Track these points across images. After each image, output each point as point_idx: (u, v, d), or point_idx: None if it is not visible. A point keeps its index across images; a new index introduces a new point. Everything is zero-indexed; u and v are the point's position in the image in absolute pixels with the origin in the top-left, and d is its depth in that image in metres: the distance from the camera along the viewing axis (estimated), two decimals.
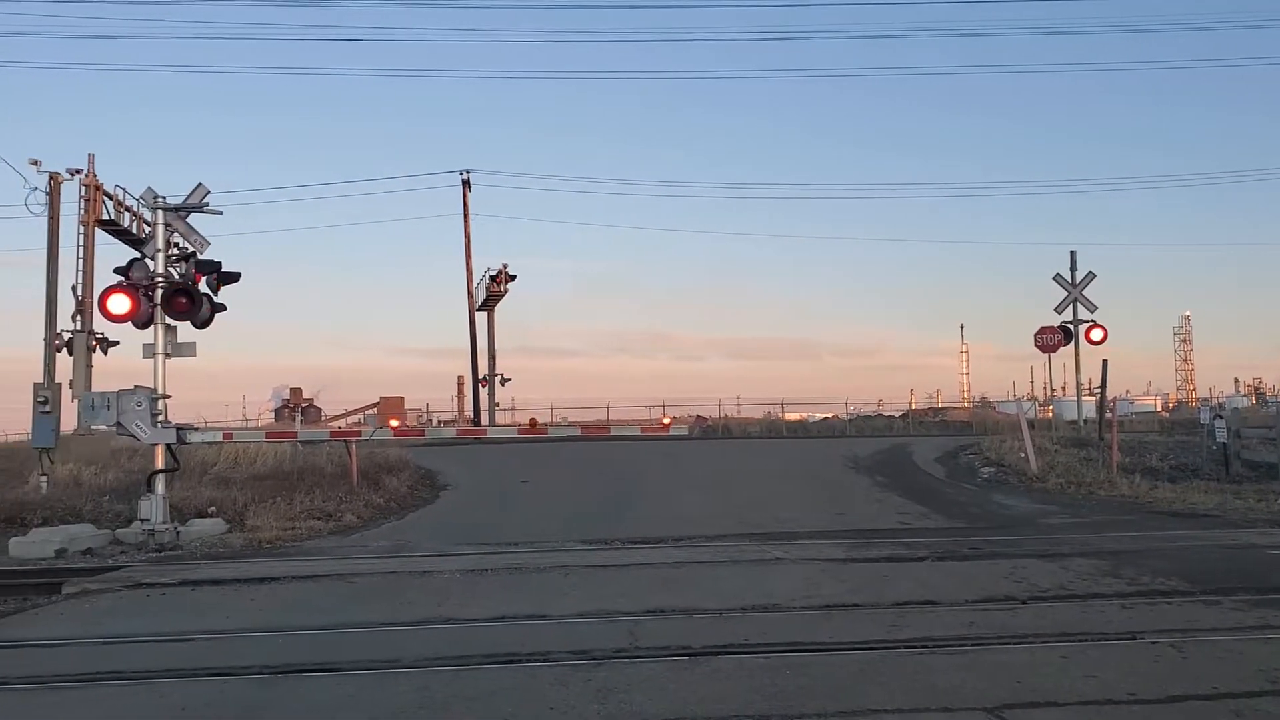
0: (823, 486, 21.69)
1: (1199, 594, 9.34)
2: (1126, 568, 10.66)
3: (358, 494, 19.37)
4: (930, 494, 20.18)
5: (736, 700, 6.17)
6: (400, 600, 9.90)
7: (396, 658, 7.47)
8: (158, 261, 15.42)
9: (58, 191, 28.70)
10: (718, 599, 9.42)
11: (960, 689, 6.30)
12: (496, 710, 6.12)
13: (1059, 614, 8.68)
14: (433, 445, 30.09)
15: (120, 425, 15.24)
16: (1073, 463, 23.02)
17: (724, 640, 7.80)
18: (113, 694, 6.80)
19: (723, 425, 52.53)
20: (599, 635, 8.09)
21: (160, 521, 14.94)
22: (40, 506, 16.91)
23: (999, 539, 13.48)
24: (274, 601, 10.13)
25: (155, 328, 15.44)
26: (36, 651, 8.28)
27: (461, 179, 43.27)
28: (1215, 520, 15.17)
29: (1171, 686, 6.32)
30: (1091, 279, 30.79)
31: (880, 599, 9.37)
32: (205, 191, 15.66)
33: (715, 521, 16.07)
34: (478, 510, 19.26)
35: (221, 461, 22.43)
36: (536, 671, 6.97)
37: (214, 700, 6.54)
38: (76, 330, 27.89)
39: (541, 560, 12.17)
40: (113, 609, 10.00)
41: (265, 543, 14.83)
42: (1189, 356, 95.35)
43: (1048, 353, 31.45)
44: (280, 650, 7.95)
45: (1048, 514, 16.68)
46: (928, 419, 55.92)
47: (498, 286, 43.10)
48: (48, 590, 11.01)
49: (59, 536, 14.34)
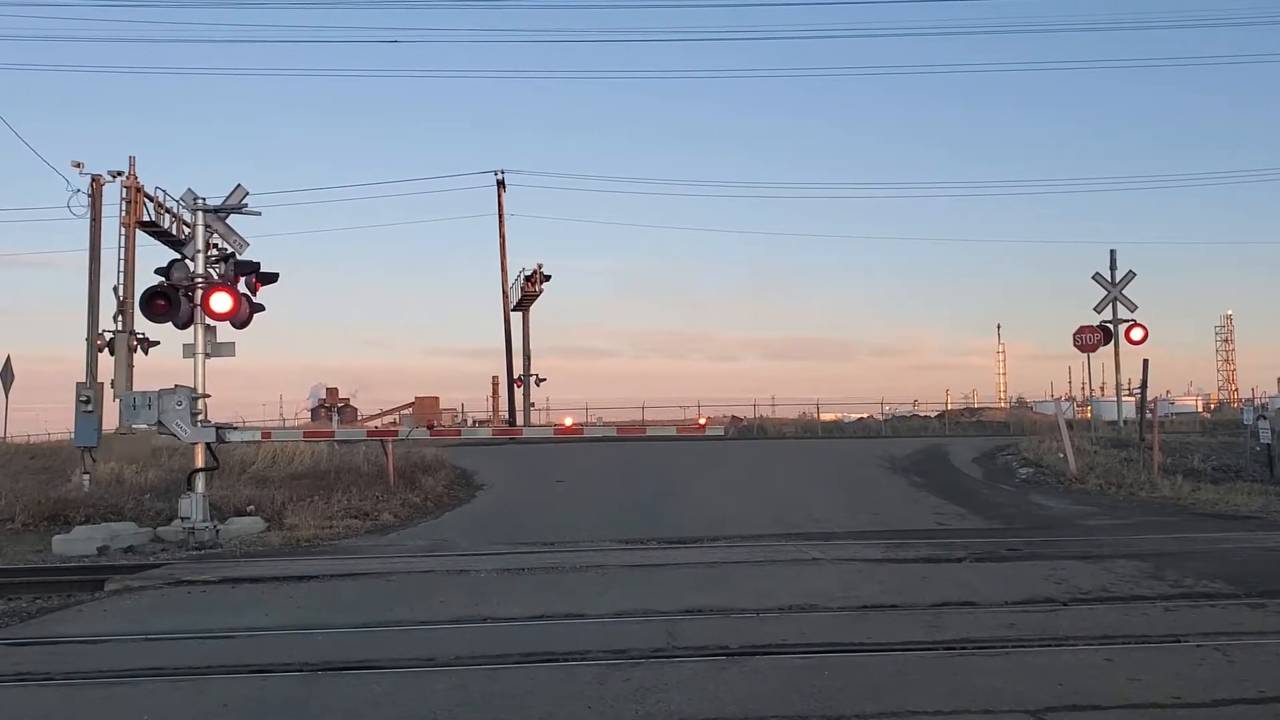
0: (858, 487, 21.57)
1: (1243, 597, 9.21)
2: (1169, 570, 10.53)
3: (394, 493, 19.46)
4: (967, 494, 20.02)
5: (774, 700, 6.14)
6: (437, 599, 9.94)
7: (434, 656, 7.50)
8: (198, 262, 15.58)
9: (99, 193, 29.14)
10: (755, 599, 9.39)
11: (1001, 691, 6.24)
12: (534, 709, 6.13)
13: (1100, 616, 8.58)
14: (468, 445, 30.17)
15: (161, 424, 15.39)
16: (1112, 464, 22.74)
17: (762, 640, 7.77)
18: (155, 690, 6.87)
19: (758, 425, 52.35)
20: (636, 635, 8.09)
21: (200, 520, 15.08)
22: (83, 505, 17.13)
23: (1038, 540, 13.36)
24: (313, 599, 10.20)
25: (195, 328, 15.61)
26: (80, 647, 8.39)
27: (496, 179, 43.41)
28: (1259, 522, 14.96)
29: (1217, 691, 6.22)
30: (1131, 278, 30.47)
31: (918, 600, 9.31)
32: (244, 193, 15.81)
33: (751, 521, 16.02)
34: (514, 510, 19.30)
35: (260, 460, 22.59)
36: (574, 671, 6.98)
37: (255, 696, 6.60)
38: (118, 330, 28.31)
39: (578, 560, 12.18)
40: (154, 606, 10.11)
41: (303, 541, 14.94)
42: (1231, 356, 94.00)
43: (1087, 352, 31.13)
44: (319, 648, 8.01)
45: (1087, 515, 16.50)
46: (964, 419, 55.45)
47: (533, 287, 43.23)
48: (90, 587, 11.14)
49: (101, 534, 14.53)
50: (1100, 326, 30.50)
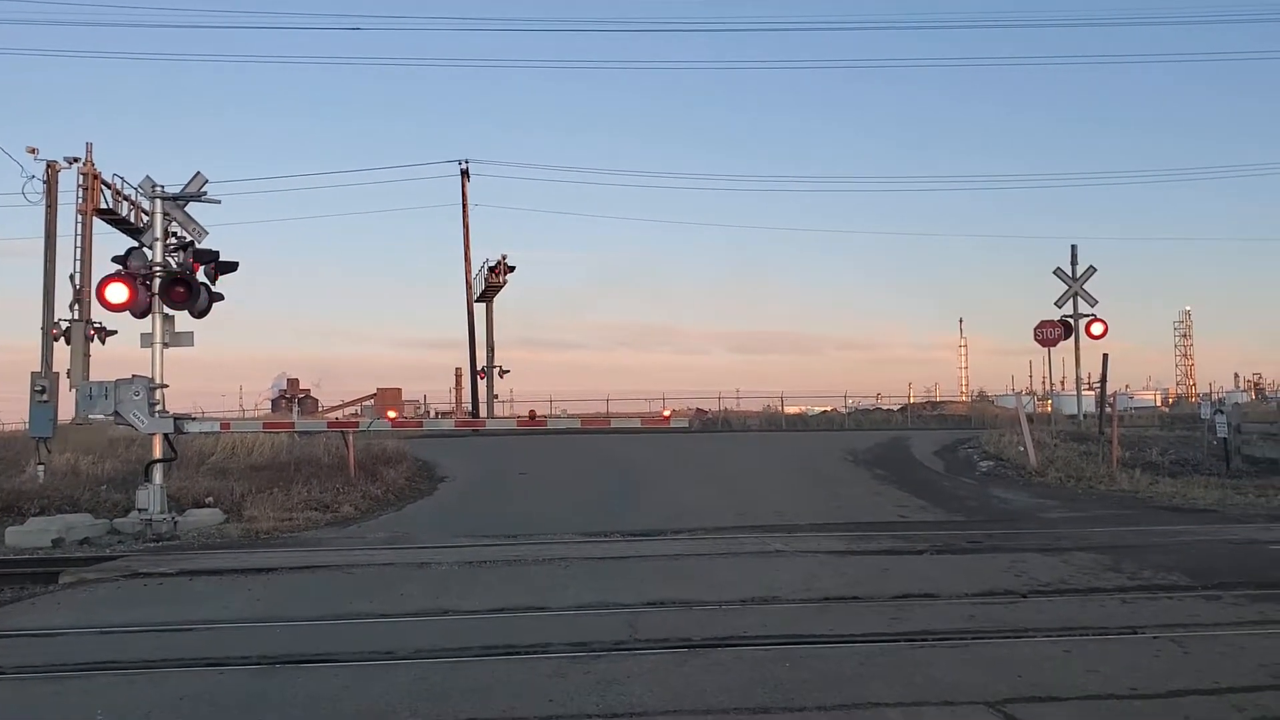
0: (822, 480, 21.67)
1: (1200, 589, 9.31)
2: (1127, 562, 10.64)
3: (355, 485, 19.32)
4: (929, 487, 20.15)
5: (736, 692, 6.13)
6: (398, 592, 9.86)
7: (394, 649, 7.43)
8: (156, 250, 15.37)
9: (55, 180, 28.70)
10: (717, 591, 9.39)
11: (961, 683, 6.27)
12: (495, 702, 6.08)
13: (1060, 608, 8.65)
14: (430, 437, 30.04)
15: (118, 414, 15.20)
16: (1072, 457, 23.00)
17: (724, 632, 7.76)
18: (110, 683, 6.75)
19: (723, 418, 52.57)
20: (598, 627, 8.06)
21: (158, 511, 14.90)
22: (37, 496, 16.87)
23: (998, 533, 13.46)
24: (271, 592, 10.09)
25: (153, 317, 15.40)
26: (33, 641, 8.25)
27: (460, 169, 43.18)
28: (1215, 515, 15.16)
29: (1173, 681, 6.28)
30: (1092, 273, 30.79)
31: (880, 592, 9.34)
32: (203, 180, 15.60)
33: (715, 514, 16.04)
34: (476, 502, 19.23)
35: (219, 452, 22.38)
36: (535, 664, 6.93)
37: (212, 690, 6.50)
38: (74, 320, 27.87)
39: (541, 552, 12.13)
40: (110, 599, 9.97)
41: (263, 533, 14.80)
42: (1189, 351, 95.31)
43: (1047, 347, 31.43)
44: (278, 641, 7.93)
45: (1047, 508, 16.66)
46: (926, 413, 55.98)
47: (496, 278, 43.05)
48: (45, 580, 10.98)
49: (56, 526, 14.32)
50: (1061, 321, 30.80)
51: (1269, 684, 6.21)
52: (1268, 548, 11.95)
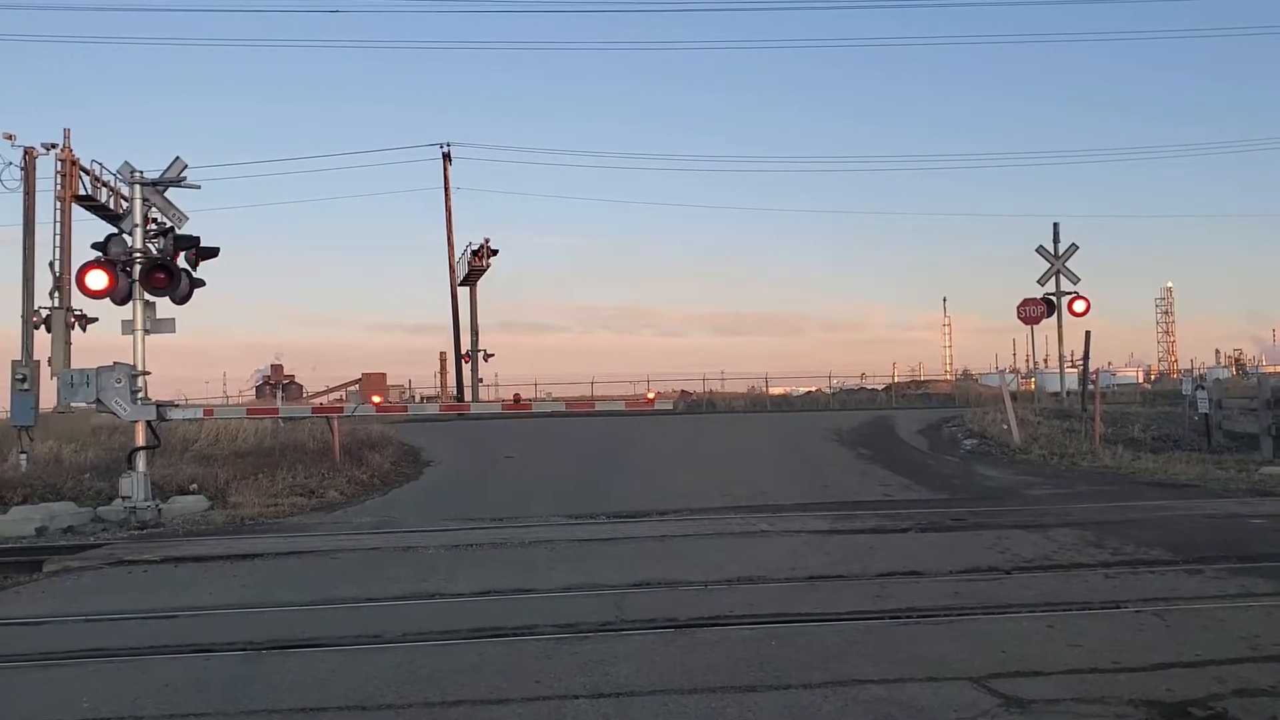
0: (806, 459, 21.73)
1: (1181, 563, 9.39)
2: (1110, 538, 10.71)
3: (341, 471, 19.28)
4: (913, 466, 20.23)
5: (723, 671, 6.16)
6: (384, 576, 9.86)
7: (381, 633, 7.44)
8: (136, 237, 15.25)
9: (33, 166, 28.45)
10: (703, 572, 9.42)
11: (946, 659, 6.31)
12: (482, 684, 6.10)
13: (1043, 584, 8.71)
14: (416, 422, 30.00)
15: (100, 402, 15.10)
16: (1055, 434, 23.11)
17: (710, 612, 7.80)
18: (96, 670, 6.74)
19: (707, 400, 52.65)
20: (585, 609, 8.08)
21: (142, 499, 14.84)
22: (20, 484, 16.76)
23: (982, 510, 13.53)
24: (257, 578, 10.08)
25: (134, 304, 15.29)
26: (18, 629, 8.22)
27: (442, 152, 43.04)
28: (1197, 490, 15.25)
29: (1156, 655, 6.33)
30: (1074, 251, 30.84)
31: (865, 570, 9.39)
32: (183, 165, 15.49)
33: (700, 495, 16.06)
34: (462, 486, 19.22)
35: (203, 438, 22.27)
36: (522, 645, 6.95)
37: (198, 676, 6.50)
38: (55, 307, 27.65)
39: (526, 535, 12.14)
40: (95, 586, 9.94)
41: (247, 520, 14.75)
42: (1171, 328, 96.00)
43: (1030, 325, 31.52)
44: (264, 626, 7.92)
45: (1031, 485, 16.74)
46: (910, 392, 56.12)
47: (480, 261, 42.97)
48: (28, 568, 10.92)
49: (39, 514, 14.24)
50: (1044, 299, 30.88)
51: (1249, 656, 6.28)
52: (1249, 522, 12.04)
